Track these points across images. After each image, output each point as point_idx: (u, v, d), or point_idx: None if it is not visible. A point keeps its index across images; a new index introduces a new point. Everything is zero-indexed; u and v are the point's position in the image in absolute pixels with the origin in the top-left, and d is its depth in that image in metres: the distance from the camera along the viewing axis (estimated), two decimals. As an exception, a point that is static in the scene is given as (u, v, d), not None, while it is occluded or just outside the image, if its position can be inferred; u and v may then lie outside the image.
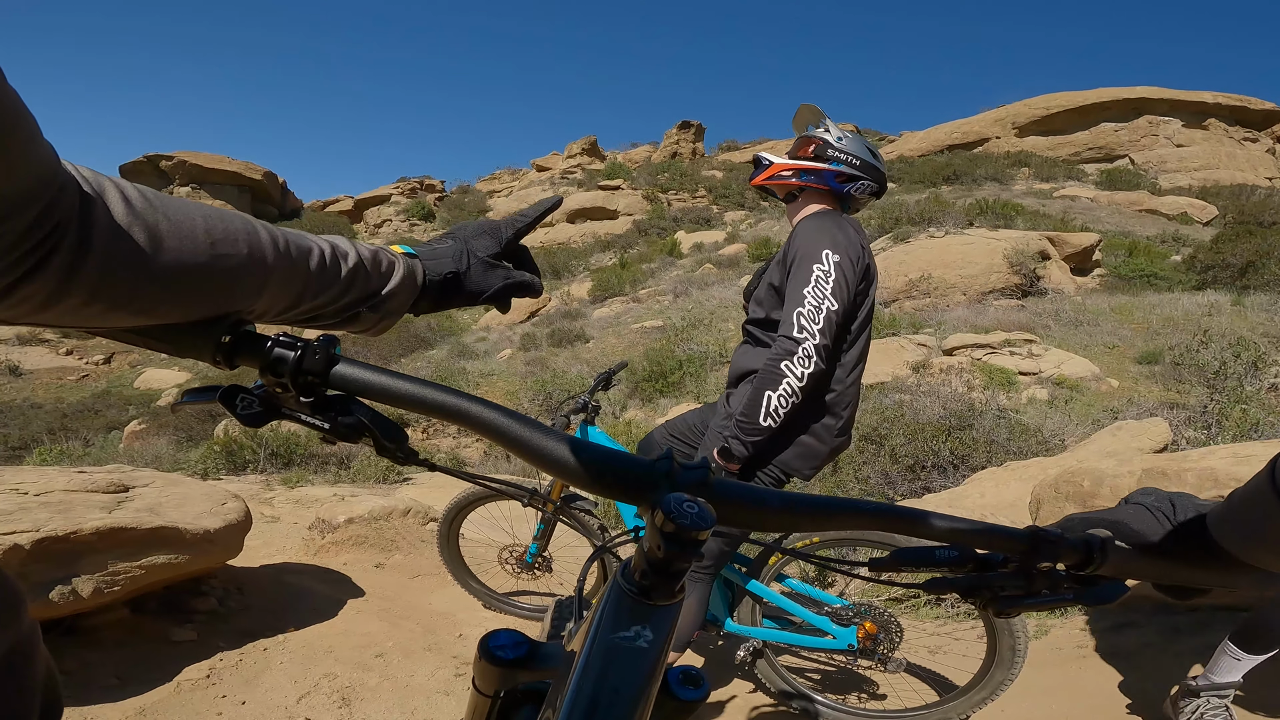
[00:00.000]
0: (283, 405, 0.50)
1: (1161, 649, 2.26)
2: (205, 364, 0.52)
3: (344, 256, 0.59)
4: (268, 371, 0.49)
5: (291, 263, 0.54)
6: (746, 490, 0.50)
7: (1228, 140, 25.72)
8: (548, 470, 0.49)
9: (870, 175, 1.90)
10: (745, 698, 2.22)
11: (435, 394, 0.50)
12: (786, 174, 1.92)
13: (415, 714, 2.01)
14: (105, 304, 0.43)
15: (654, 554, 0.43)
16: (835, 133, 1.91)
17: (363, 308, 0.62)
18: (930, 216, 14.28)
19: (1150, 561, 0.55)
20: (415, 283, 0.67)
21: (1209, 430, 4.79)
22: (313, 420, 0.50)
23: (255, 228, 0.52)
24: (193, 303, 0.48)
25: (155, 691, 1.91)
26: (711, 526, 0.42)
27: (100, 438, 10.67)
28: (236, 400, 0.49)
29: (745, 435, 1.69)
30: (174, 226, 0.45)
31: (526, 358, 11.21)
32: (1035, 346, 7.69)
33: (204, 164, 34.91)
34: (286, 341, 0.49)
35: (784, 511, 0.50)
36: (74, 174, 0.40)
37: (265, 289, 0.52)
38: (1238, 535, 0.52)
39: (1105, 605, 0.56)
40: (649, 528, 0.44)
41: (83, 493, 2.20)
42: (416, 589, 3.03)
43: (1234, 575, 0.54)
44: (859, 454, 4.77)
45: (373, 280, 0.62)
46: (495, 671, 0.52)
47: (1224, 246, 11.73)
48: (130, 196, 0.43)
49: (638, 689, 0.42)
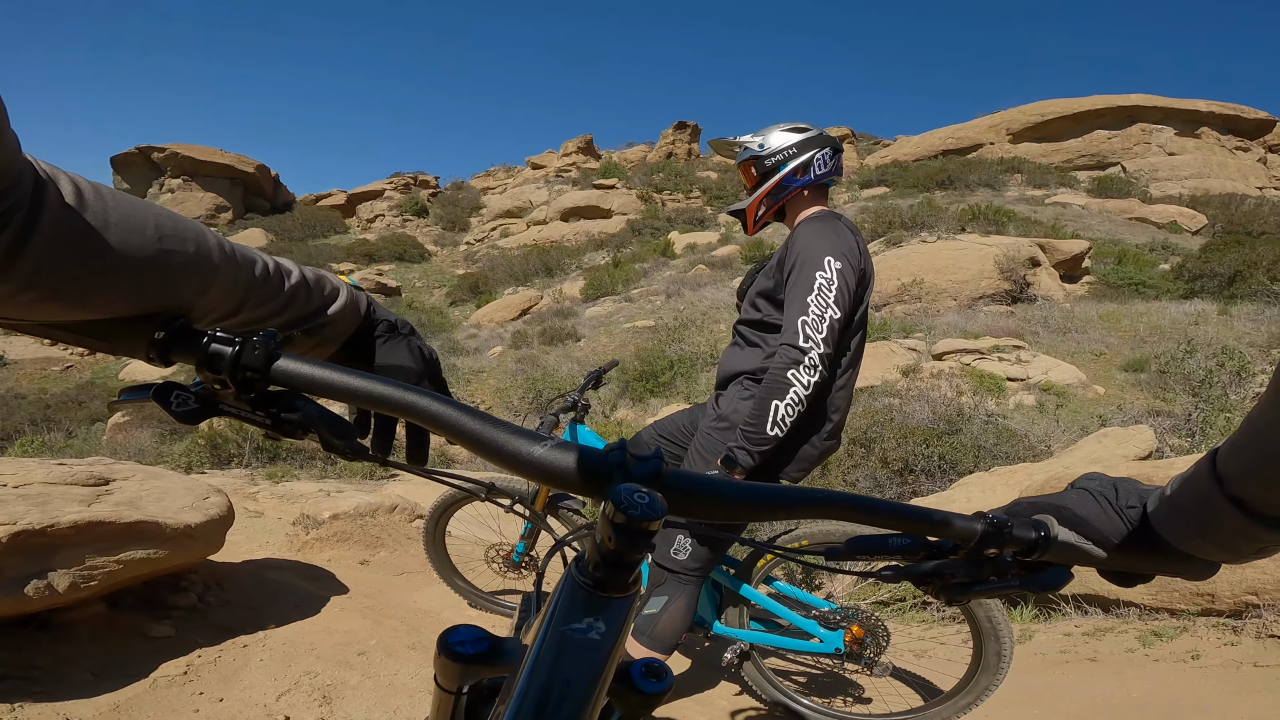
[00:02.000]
0: (221, 402, 0.49)
1: (1143, 655, 2.27)
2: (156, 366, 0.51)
3: (288, 274, 0.60)
4: (204, 367, 0.47)
5: (236, 267, 0.54)
6: (700, 481, 0.49)
7: (1219, 149, 25.98)
8: (500, 465, 0.48)
9: (814, 145, 1.88)
10: (731, 700, 2.22)
11: (380, 388, 0.49)
12: (760, 211, 1.93)
13: (398, 713, 1.99)
14: (39, 293, 0.42)
15: (605, 545, 0.43)
16: (755, 141, 1.91)
17: (299, 329, 0.62)
18: (923, 221, 14.36)
19: (1094, 549, 0.56)
20: (358, 312, 0.67)
21: (1193, 438, 4.83)
22: (253, 417, 0.49)
23: (204, 231, 0.52)
24: (132, 296, 0.48)
25: (131, 688, 1.88)
26: (662, 517, 0.42)
27: (83, 429, 10.57)
28: (171, 397, 0.48)
29: (753, 445, 1.67)
30: (123, 219, 0.45)
31: (517, 355, 11.19)
32: (1024, 353, 7.74)
33: (196, 156, 34.64)
34: (224, 337, 0.47)
35: (738, 501, 0.50)
36: (30, 163, 0.40)
37: (209, 290, 0.52)
38: (1178, 527, 0.53)
39: (1050, 591, 0.56)
40: (601, 519, 0.43)
41: (62, 485, 2.16)
42: (401, 587, 3.00)
43: (1174, 563, 0.55)
44: (848, 457, 4.78)
45: (314, 300, 0.62)
46: (455, 667, 0.51)
47: (1212, 256, 11.86)
48: (82, 188, 0.43)
49: (590, 680, 0.42)
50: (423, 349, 0.72)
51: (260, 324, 0.59)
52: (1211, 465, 0.50)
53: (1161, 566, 0.56)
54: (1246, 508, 0.48)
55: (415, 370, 0.70)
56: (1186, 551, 0.53)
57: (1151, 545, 0.55)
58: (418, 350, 0.71)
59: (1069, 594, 2.69)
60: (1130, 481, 0.58)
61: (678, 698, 2.17)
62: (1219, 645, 2.20)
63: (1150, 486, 0.57)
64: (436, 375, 0.73)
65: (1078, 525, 0.56)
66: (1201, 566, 0.55)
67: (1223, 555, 0.52)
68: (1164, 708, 1.97)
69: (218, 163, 35.18)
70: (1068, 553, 0.55)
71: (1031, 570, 0.57)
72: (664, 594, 1.82)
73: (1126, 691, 2.09)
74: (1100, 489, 0.58)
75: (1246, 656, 2.10)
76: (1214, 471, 0.50)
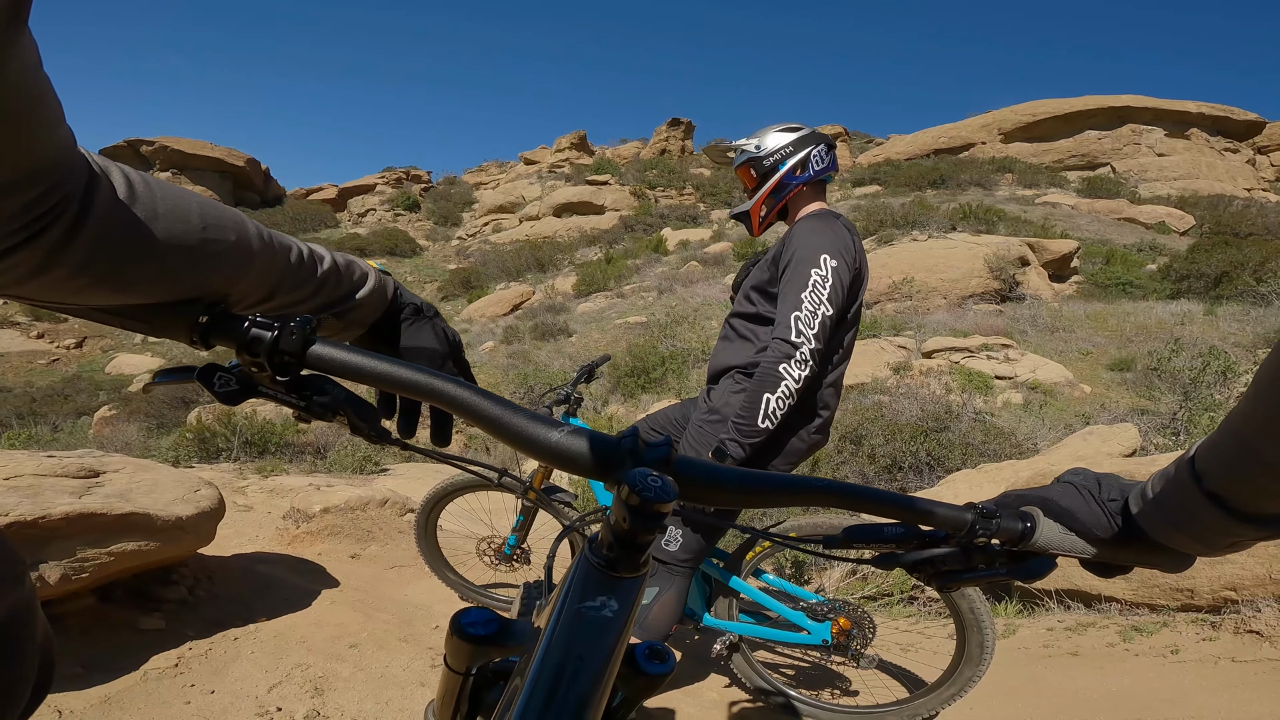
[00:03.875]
0: (259, 384, 0.51)
1: (1124, 649, 2.31)
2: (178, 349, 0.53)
3: (320, 260, 0.62)
4: (244, 351, 0.49)
5: (272, 254, 0.57)
6: (706, 467, 0.52)
7: (1208, 150, 26.20)
8: (518, 447, 0.50)
9: (809, 142, 1.92)
10: (720, 692, 2.24)
11: (408, 373, 0.51)
12: (763, 212, 1.95)
13: (389, 705, 2.00)
14: (90, 279, 0.44)
15: (619, 527, 0.45)
16: (751, 144, 1.94)
17: (330, 312, 0.64)
18: (915, 220, 14.43)
19: (1077, 540, 0.58)
20: (385, 296, 0.70)
21: (1177, 436, 4.90)
22: (288, 399, 0.51)
23: (243, 219, 0.55)
24: (176, 282, 0.50)
25: (121, 680, 1.88)
26: (674, 499, 0.44)
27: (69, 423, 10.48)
28: (214, 378, 0.50)
29: (744, 438, 1.70)
30: (170, 209, 0.47)
31: (509, 350, 11.17)
32: (1012, 351, 7.80)
33: (185, 149, 34.33)
34: (263, 322, 0.50)
35: (740, 488, 0.52)
36: (85, 156, 0.42)
37: (246, 275, 0.55)
38: (1157, 521, 0.55)
39: (1035, 580, 0.59)
40: (615, 502, 0.45)
41: (52, 477, 2.16)
42: (392, 580, 3.01)
43: (1152, 555, 0.57)
44: (838, 453, 4.82)
45: (343, 285, 0.65)
46: (467, 648, 0.53)
47: (1199, 256, 11.97)
48: (133, 180, 0.45)
49: (603, 656, 0.43)
50: (446, 331, 0.75)
51: (293, 308, 0.61)
52: (1191, 462, 0.52)
53: (1140, 558, 0.58)
54: (1223, 504, 0.49)
55: (439, 351, 0.73)
56: (1164, 544, 0.55)
57: (1131, 537, 0.57)
58: (442, 332, 0.74)
59: (1052, 589, 2.73)
60: (1113, 477, 0.60)
61: (668, 689, 2.20)
62: (1198, 640, 2.24)
63: (1132, 482, 0.59)
64: (459, 356, 0.75)
65: (1062, 517, 0.58)
66: (1178, 559, 0.57)
67: (1197, 548, 0.54)
68: (1143, 702, 2.00)
69: (207, 156, 34.86)
70: (1052, 543, 0.58)
71: (1017, 559, 0.59)
72: (655, 585, 1.84)
73: (1106, 686, 2.12)
74: (1084, 483, 0.60)
75: (1225, 651, 2.14)
76: (1193, 468, 0.52)
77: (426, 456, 0.63)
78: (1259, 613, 2.18)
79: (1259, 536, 0.50)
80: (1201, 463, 0.52)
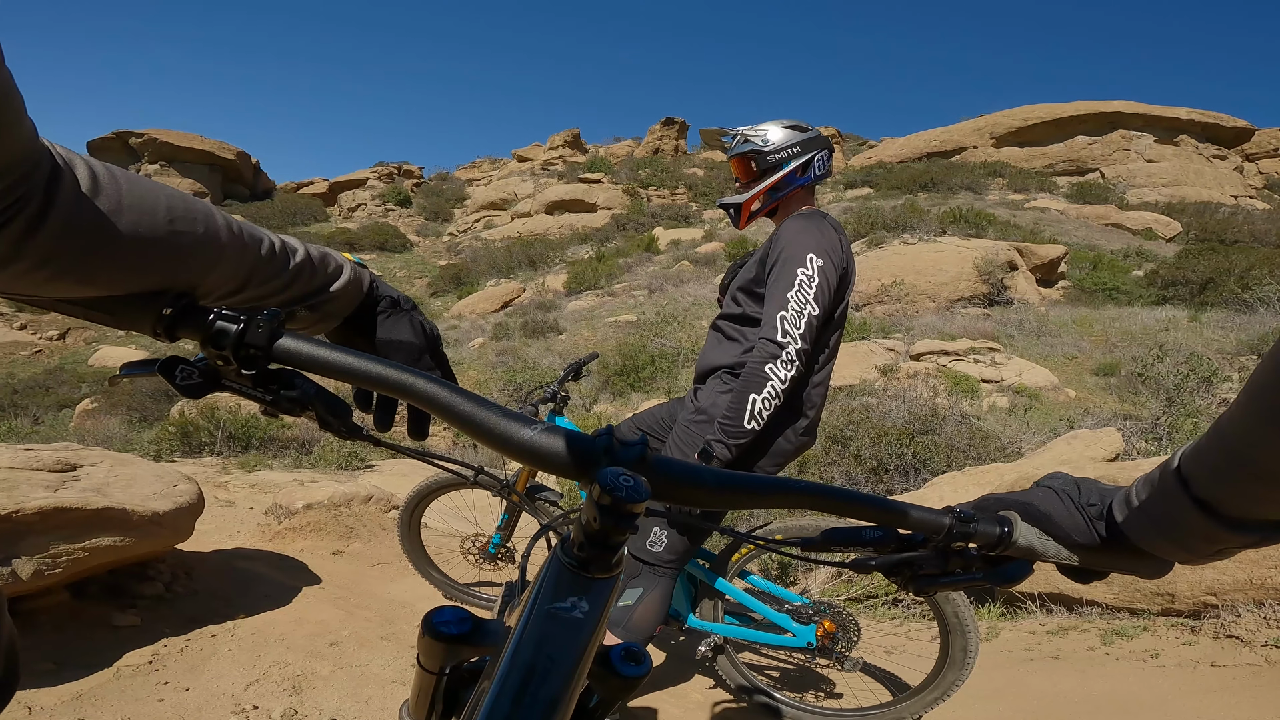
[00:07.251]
0: (224, 378, 0.50)
1: (1104, 653, 2.32)
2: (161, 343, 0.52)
3: (293, 252, 0.62)
4: (209, 344, 0.48)
5: (243, 246, 0.56)
6: (683, 467, 0.51)
7: (1197, 157, 26.47)
8: (491, 445, 0.49)
9: (815, 146, 1.90)
10: (705, 693, 2.23)
11: (378, 368, 0.50)
12: (756, 206, 1.93)
13: (369, 704, 1.98)
14: (53, 271, 0.44)
15: (591, 526, 0.44)
16: (756, 135, 1.90)
17: (302, 305, 0.63)
18: (905, 223, 14.49)
19: (1055, 545, 0.58)
20: (360, 289, 0.69)
21: (1160, 441, 4.94)
22: (254, 393, 0.50)
23: (213, 211, 0.54)
24: (143, 274, 0.49)
25: (94, 677, 1.85)
26: (646, 499, 0.43)
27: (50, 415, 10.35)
28: (176, 371, 0.49)
29: (730, 439, 1.68)
30: (136, 202, 0.47)
31: (498, 347, 11.13)
32: (998, 355, 7.85)
33: (175, 142, 34.04)
34: (229, 315, 0.49)
35: (719, 489, 0.52)
36: (48, 149, 0.42)
37: (216, 268, 0.54)
38: (1141, 526, 0.54)
39: (1011, 584, 0.58)
40: (587, 501, 0.45)
41: (28, 470, 2.12)
42: (375, 577, 2.98)
43: (1132, 560, 0.57)
44: (824, 454, 4.82)
45: (317, 278, 0.64)
46: (439, 647, 0.52)
47: (1185, 263, 12.10)
48: (97, 172, 0.45)
49: (574, 657, 0.43)
50: (424, 324, 0.73)
51: (264, 301, 0.60)
52: (1177, 469, 0.52)
53: (1118, 563, 0.57)
54: (1210, 509, 0.49)
55: (416, 345, 0.71)
56: (1145, 549, 0.55)
57: (1111, 542, 0.56)
58: (419, 325, 0.72)
59: (1035, 592, 2.74)
60: (1092, 481, 0.60)
61: (652, 690, 2.18)
62: (1178, 645, 2.25)
63: (1112, 486, 0.59)
64: (437, 350, 0.74)
65: (1041, 521, 0.58)
66: (1157, 564, 0.56)
67: (1180, 554, 0.54)
68: (1123, 706, 2.01)
69: (196, 149, 34.56)
70: (1030, 547, 0.57)
71: (994, 564, 0.58)
72: (639, 586, 1.83)
73: (1087, 689, 2.13)
74: (1064, 487, 0.60)
75: (1204, 656, 2.15)
76: (1179, 474, 0.51)
77: (397, 452, 0.61)
78: (1239, 618, 2.20)
79: (1245, 543, 0.49)
80: (1188, 468, 0.51)
